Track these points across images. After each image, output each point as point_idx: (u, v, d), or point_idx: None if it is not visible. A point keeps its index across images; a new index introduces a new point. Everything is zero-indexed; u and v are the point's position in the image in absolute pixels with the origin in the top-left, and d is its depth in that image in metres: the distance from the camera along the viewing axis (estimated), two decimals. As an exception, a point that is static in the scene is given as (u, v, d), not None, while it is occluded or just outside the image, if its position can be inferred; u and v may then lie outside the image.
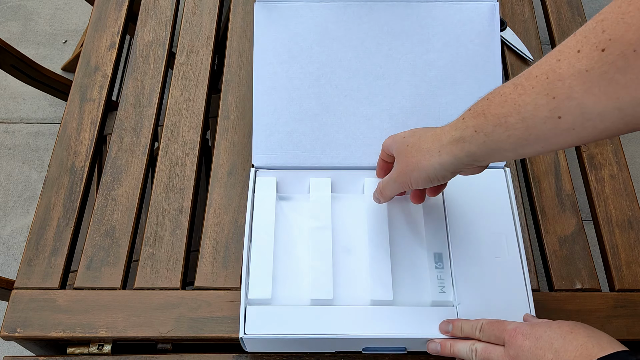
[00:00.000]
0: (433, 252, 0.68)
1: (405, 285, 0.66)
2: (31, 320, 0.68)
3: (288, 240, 0.69)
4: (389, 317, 0.63)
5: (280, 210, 0.71)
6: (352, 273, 0.67)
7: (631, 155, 1.67)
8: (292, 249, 0.68)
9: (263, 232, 0.68)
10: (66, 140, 0.82)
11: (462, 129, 0.53)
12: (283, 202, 0.71)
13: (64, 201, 0.77)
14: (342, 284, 0.66)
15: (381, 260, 0.66)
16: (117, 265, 0.72)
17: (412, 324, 0.62)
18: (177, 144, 0.82)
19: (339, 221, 0.70)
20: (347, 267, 0.67)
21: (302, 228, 0.69)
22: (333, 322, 0.63)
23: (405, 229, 0.70)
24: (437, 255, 0.68)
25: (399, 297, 0.65)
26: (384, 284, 0.65)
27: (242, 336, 0.61)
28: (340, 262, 0.67)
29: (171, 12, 0.94)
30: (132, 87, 0.87)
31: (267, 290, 0.64)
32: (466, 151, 0.53)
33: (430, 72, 0.73)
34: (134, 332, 0.67)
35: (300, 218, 0.70)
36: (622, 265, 0.73)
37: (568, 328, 0.51)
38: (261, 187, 0.71)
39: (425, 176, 0.57)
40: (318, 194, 0.71)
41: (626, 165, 0.80)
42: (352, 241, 0.69)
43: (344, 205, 0.71)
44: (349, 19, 0.73)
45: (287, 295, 0.65)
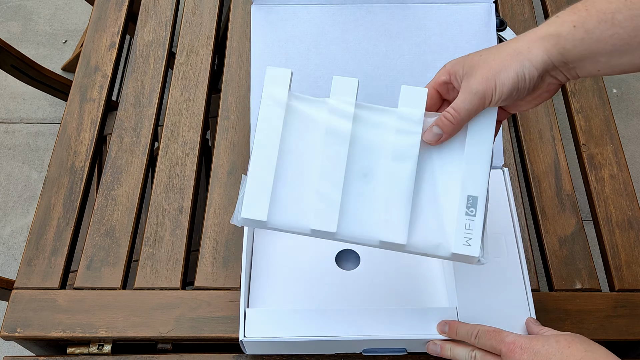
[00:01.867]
0: (467, 194, 0.56)
1: (424, 229, 0.56)
2: (31, 320, 0.68)
3: (296, 152, 0.57)
4: (389, 318, 0.63)
5: (291, 114, 0.58)
6: (364, 204, 0.56)
7: (631, 155, 1.67)
8: (299, 165, 0.57)
9: (266, 138, 0.57)
10: (66, 140, 0.82)
11: (557, 25, 0.49)
12: (296, 103, 0.58)
13: (64, 201, 0.77)
14: (350, 215, 0.56)
15: (401, 193, 0.56)
16: (117, 265, 0.72)
17: (412, 325, 0.62)
18: (177, 144, 0.82)
19: (360, 137, 0.57)
20: (360, 195, 0.56)
21: (314, 139, 0.57)
22: (333, 324, 0.63)
23: (438, 159, 0.57)
24: (471, 198, 0.56)
25: (414, 241, 0.56)
26: (398, 224, 0.55)
27: (242, 339, 0.61)
28: (353, 189, 0.56)
29: (171, 12, 0.94)
30: (132, 87, 0.87)
31: (262, 210, 0.55)
32: (560, 48, 0.49)
33: (427, 73, 0.73)
34: (134, 332, 0.67)
35: (314, 126, 0.57)
36: (622, 265, 0.73)
37: (566, 342, 0.51)
38: (271, 82, 0.58)
39: (513, 75, 0.51)
40: (339, 99, 0.57)
41: (626, 165, 0.80)
42: (371, 164, 0.57)
43: (370, 118, 0.58)
44: (346, 21, 0.73)
45: (284, 220, 0.56)
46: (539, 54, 0.50)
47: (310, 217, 0.55)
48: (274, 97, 0.57)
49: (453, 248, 0.55)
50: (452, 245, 0.55)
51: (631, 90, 1.81)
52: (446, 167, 0.57)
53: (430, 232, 0.55)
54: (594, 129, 0.83)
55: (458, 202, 0.56)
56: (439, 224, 0.56)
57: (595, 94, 0.86)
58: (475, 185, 0.56)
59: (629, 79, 1.83)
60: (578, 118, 0.84)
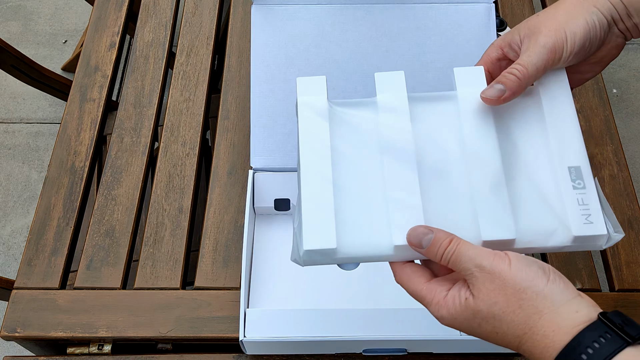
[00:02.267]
0: (567, 166, 0.47)
1: (530, 217, 0.46)
2: (31, 320, 0.68)
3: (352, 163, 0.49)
4: (389, 318, 0.63)
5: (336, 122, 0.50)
6: (449, 204, 0.47)
7: (631, 155, 1.67)
8: (360, 177, 0.48)
9: (314, 153, 0.48)
10: (66, 140, 0.82)
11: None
12: (339, 110, 0.50)
13: (64, 201, 0.77)
14: (438, 221, 0.46)
15: (490, 182, 0.47)
16: (117, 265, 0.72)
17: (412, 325, 0.62)
18: (177, 144, 0.82)
19: (422, 131, 0.49)
20: (442, 195, 0.47)
21: (371, 145, 0.49)
22: (333, 324, 0.63)
23: (519, 134, 0.49)
24: (573, 170, 0.47)
25: (523, 234, 0.46)
26: (500, 216, 0.45)
27: (242, 339, 0.61)
28: (431, 190, 0.47)
29: (171, 12, 0.94)
30: (132, 87, 0.87)
31: (329, 236, 0.45)
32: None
33: (427, 73, 0.73)
34: (134, 332, 0.67)
35: (368, 131, 0.50)
36: (622, 265, 0.73)
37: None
38: (305, 92, 0.51)
39: (583, 23, 0.46)
40: (388, 95, 0.50)
41: (626, 165, 0.80)
42: (444, 157, 0.48)
43: (427, 108, 0.50)
44: (346, 21, 0.73)
45: (358, 244, 0.46)
46: (604, 1, 0.48)
47: (390, 232, 0.45)
48: (312, 108, 0.50)
49: (574, 230, 0.45)
50: (572, 227, 0.45)
51: (631, 90, 1.81)
52: (530, 142, 0.49)
53: (538, 219, 0.46)
54: (594, 129, 0.83)
55: (560, 177, 0.47)
56: (547, 207, 0.46)
57: (595, 94, 0.86)
58: (572, 154, 0.48)
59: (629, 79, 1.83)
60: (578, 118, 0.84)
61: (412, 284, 0.45)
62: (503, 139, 0.49)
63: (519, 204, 0.47)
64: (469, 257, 0.42)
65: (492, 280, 0.40)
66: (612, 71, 1.84)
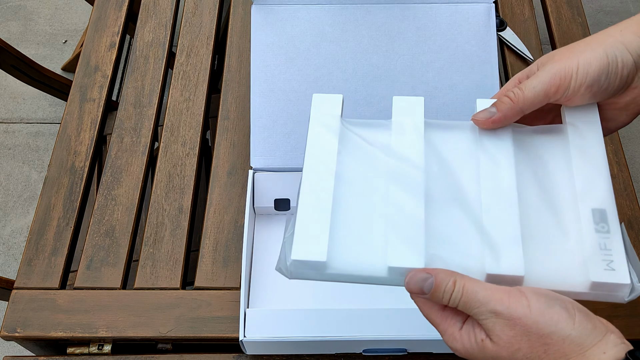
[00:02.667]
0: (591, 208, 0.44)
1: (544, 255, 0.44)
2: (31, 320, 0.68)
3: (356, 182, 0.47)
4: (389, 318, 0.63)
5: (346, 140, 0.49)
6: (455, 231, 0.45)
7: (631, 155, 1.67)
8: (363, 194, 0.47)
9: (318, 164, 0.47)
10: (66, 140, 0.82)
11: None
12: (351, 129, 0.50)
13: (64, 201, 0.77)
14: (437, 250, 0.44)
15: (504, 216, 0.44)
16: (117, 265, 0.72)
17: (412, 325, 0.62)
18: (177, 144, 0.82)
19: (435, 159, 0.48)
20: (447, 221, 0.45)
21: (379, 167, 0.48)
22: (333, 324, 0.63)
23: (542, 171, 0.47)
24: (597, 212, 0.44)
25: (534, 274, 0.43)
26: (506, 251, 0.43)
27: (242, 339, 0.61)
28: (435, 214, 0.45)
29: (171, 12, 0.94)
30: (132, 87, 0.87)
31: (320, 249, 0.44)
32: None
33: (427, 73, 0.73)
34: (134, 332, 0.67)
35: (378, 152, 0.48)
36: (622, 266, 0.73)
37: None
38: (319, 109, 0.51)
39: (602, 55, 0.42)
40: (404, 119, 0.49)
41: (626, 165, 0.80)
42: (455, 189, 0.46)
43: (444, 136, 0.49)
44: (346, 21, 0.73)
45: (349, 259, 0.44)
46: (633, 38, 0.43)
47: (386, 253, 0.44)
48: (323, 124, 0.49)
49: (592, 275, 0.41)
50: (591, 271, 0.42)
51: (631, 90, 1.80)
52: (553, 178, 0.46)
53: (553, 259, 0.43)
54: (594, 129, 0.83)
55: (582, 218, 0.44)
56: (564, 248, 0.43)
57: (595, 94, 0.86)
58: (598, 196, 0.44)
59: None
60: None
61: (426, 309, 0.43)
62: (523, 174, 0.46)
63: (533, 241, 0.44)
64: (480, 302, 0.38)
65: (513, 327, 0.38)
66: (612, 71, 1.84)
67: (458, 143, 0.48)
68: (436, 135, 0.49)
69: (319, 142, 0.48)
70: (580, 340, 0.37)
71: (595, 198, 0.44)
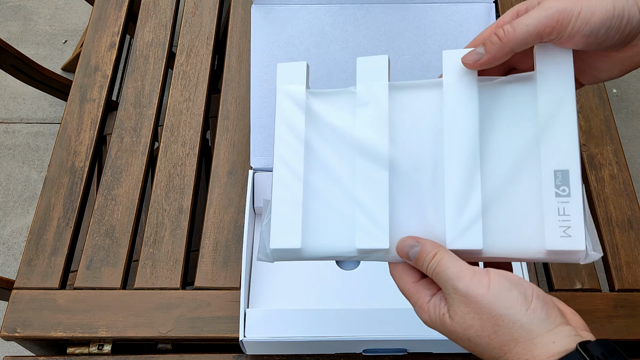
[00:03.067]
0: (553, 169, 0.42)
1: (503, 224, 0.43)
2: (31, 320, 0.68)
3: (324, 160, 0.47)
4: (389, 318, 0.63)
5: (312, 114, 0.48)
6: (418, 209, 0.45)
7: (631, 155, 1.67)
8: (331, 175, 0.47)
9: (288, 148, 0.47)
10: (66, 140, 0.82)
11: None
12: (316, 101, 0.48)
13: (64, 201, 0.77)
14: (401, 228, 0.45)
15: (466, 182, 0.43)
16: (117, 265, 0.72)
17: (412, 325, 0.62)
18: (177, 144, 0.82)
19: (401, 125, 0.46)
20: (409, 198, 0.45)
21: (344, 141, 0.47)
22: (333, 324, 0.63)
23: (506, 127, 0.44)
24: (559, 174, 0.42)
25: (494, 244, 0.43)
26: (466, 224, 0.43)
27: (242, 339, 0.61)
28: (402, 189, 0.45)
29: (171, 12, 0.94)
30: (132, 87, 0.87)
31: (295, 237, 0.46)
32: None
33: (427, 73, 0.73)
34: (134, 332, 0.67)
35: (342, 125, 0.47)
36: (622, 265, 0.73)
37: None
38: (285, 80, 0.49)
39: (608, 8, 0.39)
40: (368, 84, 0.47)
41: (626, 165, 0.80)
42: (421, 153, 0.45)
43: (409, 98, 0.47)
44: (346, 21, 0.73)
45: (322, 244, 0.46)
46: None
47: (354, 235, 0.45)
48: (290, 98, 0.48)
49: (547, 243, 0.41)
50: (546, 239, 0.41)
51: (631, 90, 1.81)
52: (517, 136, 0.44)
53: (511, 228, 0.42)
54: (594, 129, 0.83)
55: (542, 181, 0.42)
56: (522, 214, 0.42)
57: (595, 94, 0.86)
58: (562, 155, 0.42)
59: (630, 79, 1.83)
60: (578, 118, 0.84)
61: (401, 281, 0.45)
62: (487, 132, 0.44)
63: (492, 209, 0.43)
64: (447, 277, 0.40)
65: (467, 304, 0.39)
66: (612, 71, 1.84)
67: (424, 105, 0.46)
68: (402, 98, 0.46)
69: (287, 121, 0.48)
70: (530, 327, 0.38)
71: (558, 158, 0.42)
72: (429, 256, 0.42)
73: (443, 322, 0.41)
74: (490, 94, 0.45)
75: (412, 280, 0.44)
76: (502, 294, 0.39)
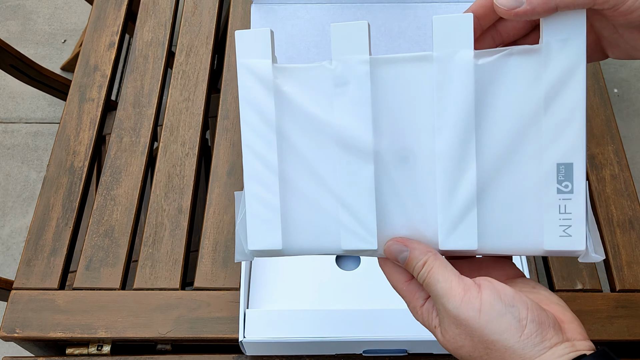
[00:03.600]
0: (556, 162, 0.38)
1: (498, 221, 0.40)
2: (30, 320, 0.68)
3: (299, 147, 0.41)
4: (389, 318, 0.63)
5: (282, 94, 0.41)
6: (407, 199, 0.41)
7: (632, 155, 1.67)
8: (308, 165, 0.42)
9: (257, 136, 0.41)
10: (65, 140, 0.82)
11: None
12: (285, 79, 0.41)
13: (63, 201, 0.77)
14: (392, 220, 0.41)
15: (459, 174, 0.39)
16: (116, 265, 0.72)
17: (412, 326, 0.62)
18: (177, 144, 0.81)
19: (385, 108, 0.40)
20: (401, 189, 0.41)
21: (321, 125, 0.41)
22: (333, 324, 0.62)
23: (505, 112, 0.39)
24: (563, 167, 0.38)
25: (488, 241, 0.40)
26: (461, 218, 0.39)
27: (241, 340, 0.61)
28: (388, 181, 0.40)
29: (170, 12, 0.94)
30: (131, 86, 0.87)
31: (275, 237, 0.42)
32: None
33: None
34: (133, 332, 0.67)
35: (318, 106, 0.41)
36: (623, 266, 0.73)
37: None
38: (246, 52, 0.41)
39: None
40: (345, 57, 0.40)
41: (627, 165, 0.80)
42: (409, 142, 0.40)
43: (395, 76, 0.40)
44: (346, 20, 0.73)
45: (305, 242, 0.42)
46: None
47: (339, 234, 0.41)
48: (254, 75, 0.41)
49: (546, 243, 0.39)
50: (544, 238, 0.39)
51: (632, 90, 1.81)
52: (515, 122, 0.39)
53: (507, 224, 0.39)
54: (595, 129, 0.83)
55: (543, 174, 0.38)
56: (519, 209, 0.39)
57: (596, 94, 0.86)
58: (566, 146, 0.38)
59: (630, 79, 1.83)
60: (579, 118, 0.84)
61: (393, 279, 0.43)
62: (483, 115, 0.39)
63: (487, 203, 0.39)
64: (437, 293, 0.38)
65: (458, 325, 0.38)
66: (613, 71, 1.84)
67: (412, 82, 0.40)
68: (386, 74, 0.40)
69: (254, 104, 0.41)
70: (523, 352, 0.36)
71: (562, 150, 0.38)
72: (418, 264, 0.40)
73: (435, 334, 0.40)
74: (488, 70, 0.39)
75: (404, 279, 0.42)
76: (494, 318, 0.37)
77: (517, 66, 0.38)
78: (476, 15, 0.40)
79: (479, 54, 0.39)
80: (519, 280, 0.42)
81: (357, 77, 0.40)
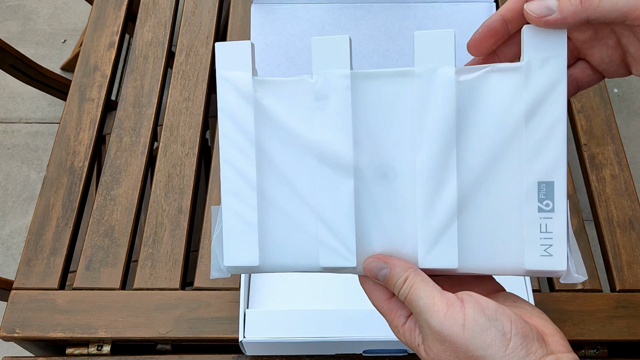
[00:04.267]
0: (537, 181, 0.38)
1: (479, 240, 0.39)
2: (30, 320, 0.68)
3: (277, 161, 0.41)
4: (389, 317, 0.63)
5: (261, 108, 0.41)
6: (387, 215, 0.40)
7: (632, 155, 1.67)
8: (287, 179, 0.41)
9: (236, 149, 0.41)
10: (65, 140, 0.82)
11: None
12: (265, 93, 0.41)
13: (63, 201, 0.77)
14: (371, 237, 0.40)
15: (440, 192, 0.39)
16: (116, 265, 0.72)
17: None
18: (177, 144, 0.81)
19: (365, 123, 0.40)
20: (381, 205, 0.40)
21: (302, 139, 0.40)
22: (333, 324, 0.62)
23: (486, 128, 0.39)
24: (544, 186, 0.38)
25: (468, 261, 0.40)
26: (440, 236, 0.39)
27: (241, 340, 0.61)
28: (368, 197, 0.40)
29: (170, 12, 0.94)
30: (131, 86, 0.87)
31: (252, 253, 0.41)
32: None
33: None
34: (133, 332, 0.67)
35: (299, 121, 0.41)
36: (623, 266, 0.73)
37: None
38: (226, 65, 0.41)
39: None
40: (326, 72, 0.40)
41: (627, 165, 0.80)
42: (390, 157, 0.40)
43: (376, 91, 0.40)
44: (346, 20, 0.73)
45: (283, 259, 0.41)
46: None
47: (317, 252, 0.41)
48: (234, 88, 0.41)
49: (527, 262, 0.39)
50: (525, 258, 0.39)
51: (632, 90, 1.81)
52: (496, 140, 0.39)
53: (489, 242, 0.39)
54: (595, 129, 0.83)
55: (524, 193, 0.38)
56: (499, 228, 0.39)
57: (597, 94, 0.86)
58: (547, 164, 0.38)
59: (631, 79, 1.83)
60: (579, 118, 0.84)
61: (373, 297, 0.43)
62: (464, 133, 0.39)
63: (467, 222, 0.39)
64: (419, 309, 0.38)
65: (442, 342, 0.37)
66: (612, 71, 1.84)
67: (393, 98, 0.39)
68: (367, 89, 0.40)
69: (233, 117, 0.41)
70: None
71: (543, 168, 0.38)
72: (399, 281, 0.39)
73: (419, 352, 0.40)
74: (469, 87, 0.39)
75: (384, 298, 0.42)
76: (478, 333, 0.36)
77: (498, 83, 0.39)
78: (505, 19, 0.40)
79: (460, 71, 0.39)
80: (500, 294, 0.42)
81: (337, 91, 0.40)
